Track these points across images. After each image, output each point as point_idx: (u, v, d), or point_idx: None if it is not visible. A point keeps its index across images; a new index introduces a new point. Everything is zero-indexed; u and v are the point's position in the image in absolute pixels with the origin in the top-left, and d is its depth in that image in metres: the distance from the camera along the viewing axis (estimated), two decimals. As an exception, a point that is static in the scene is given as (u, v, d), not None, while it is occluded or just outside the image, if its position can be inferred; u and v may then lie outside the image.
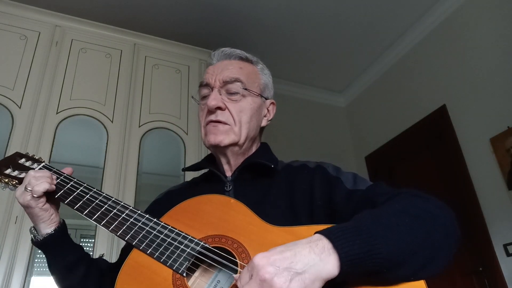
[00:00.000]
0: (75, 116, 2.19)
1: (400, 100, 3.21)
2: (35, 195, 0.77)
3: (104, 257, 1.86)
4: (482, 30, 2.57)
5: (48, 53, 2.26)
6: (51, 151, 2.04)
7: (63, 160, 2.17)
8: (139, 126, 2.31)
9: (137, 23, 2.72)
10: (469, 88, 2.61)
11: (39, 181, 0.78)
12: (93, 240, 2.00)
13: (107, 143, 2.18)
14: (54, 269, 0.84)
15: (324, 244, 0.53)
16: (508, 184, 2.24)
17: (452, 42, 2.78)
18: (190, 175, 1.86)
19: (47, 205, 0.80)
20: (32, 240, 0.84)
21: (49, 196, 0.81)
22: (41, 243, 0.82)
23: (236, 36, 3.07)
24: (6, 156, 0.92)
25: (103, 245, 1.97)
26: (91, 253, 1.97)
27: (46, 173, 0.82)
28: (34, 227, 0.83)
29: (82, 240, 2.13)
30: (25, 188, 0.78)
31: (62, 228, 0.83)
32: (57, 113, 2.15)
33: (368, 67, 3.53)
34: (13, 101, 2.07)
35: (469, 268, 2.39)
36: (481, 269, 2.33)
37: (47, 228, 0.81)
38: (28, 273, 1.79)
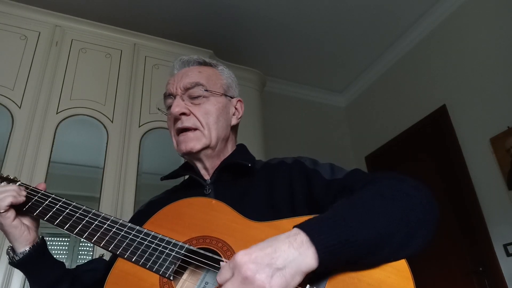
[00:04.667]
0: (75, 116, 2.19)
1: (400, 100, 3.21)
2: (1, 210, 0.77)
3: (104, 257, 1.86)
4: (482, 30, 2.57)
5: (48, 53, 2.26)
6: (51, 151, 2.03)
7: (63, 160, 2.17)
8: (139, 126, 2.31)
9: (137, 23, 2.72)
10: (469, 88, 2.61)
11: (3, 194, 0.77)
12: (93, 240, 1.99)
13: (107, 143, 2.18)
14: None
15: (302, 238, 0.54)
16: (508, 184, 2.24)
17: (452, 42, 2.78)
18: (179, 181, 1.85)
19: (17, 222, 0.78)
20: (8, 261, 0.82)
21: (21, 213, 0.80)
22: (17, 264, 0.80)
23: (236, 36, 3.07)
24: None
25: (103, 245, 1.96)
26: (91, 253, 1.97)
27: (12, 186, 0.81)
28: (11, 247, 0.81)
29: (81, 240, 2.13)
30: None
31: (39, 246, 0.81)
32: (57, 113, 2.14)
33: (368, 67, 3.53)
34: (13, 101, 2.07)
35: (469, 268, 2.39)
36: (481, 269, 2.33)
37: (21, 247, 0.79)
38: (28, 273, 1.78)
